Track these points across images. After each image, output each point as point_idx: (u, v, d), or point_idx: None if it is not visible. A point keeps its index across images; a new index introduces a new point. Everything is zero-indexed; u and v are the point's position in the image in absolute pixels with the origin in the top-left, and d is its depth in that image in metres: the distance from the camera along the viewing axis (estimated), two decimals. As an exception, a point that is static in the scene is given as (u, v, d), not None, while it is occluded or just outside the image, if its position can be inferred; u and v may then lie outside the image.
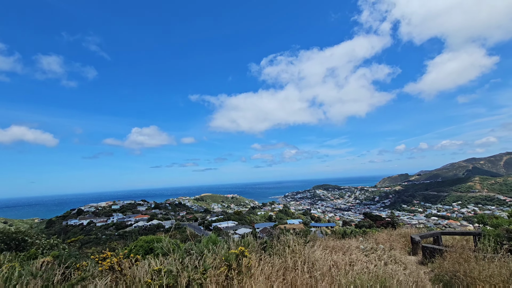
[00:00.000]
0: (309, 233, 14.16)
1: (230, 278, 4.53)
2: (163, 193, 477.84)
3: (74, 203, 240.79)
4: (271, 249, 6.90)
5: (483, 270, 5.46)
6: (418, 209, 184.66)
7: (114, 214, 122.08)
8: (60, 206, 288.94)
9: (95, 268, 5.08)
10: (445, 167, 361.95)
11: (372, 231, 16.70)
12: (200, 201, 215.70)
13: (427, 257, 9.25)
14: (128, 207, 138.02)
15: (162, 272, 4.36)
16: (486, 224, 11.77)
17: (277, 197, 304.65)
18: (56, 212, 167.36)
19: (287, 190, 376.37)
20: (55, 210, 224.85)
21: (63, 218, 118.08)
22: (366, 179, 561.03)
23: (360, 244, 11.97)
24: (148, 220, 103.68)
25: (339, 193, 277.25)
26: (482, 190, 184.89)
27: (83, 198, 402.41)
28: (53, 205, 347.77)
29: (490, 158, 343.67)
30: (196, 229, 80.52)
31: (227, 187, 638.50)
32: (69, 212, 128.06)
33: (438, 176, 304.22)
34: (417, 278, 6.33)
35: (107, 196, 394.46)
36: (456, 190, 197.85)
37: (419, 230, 16.17)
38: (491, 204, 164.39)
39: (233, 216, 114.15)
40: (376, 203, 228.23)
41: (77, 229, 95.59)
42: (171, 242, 6.25)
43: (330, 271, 6.09)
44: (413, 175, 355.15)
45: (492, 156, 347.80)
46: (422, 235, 11.66)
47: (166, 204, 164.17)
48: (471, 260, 6.30)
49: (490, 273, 5.26)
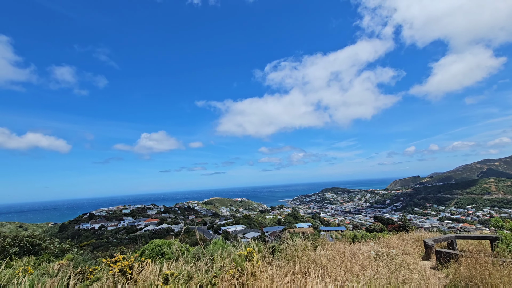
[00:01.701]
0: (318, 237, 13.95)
1: (240, 282, 4.52)
2: (172, 197, 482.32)
3: (86, 208, 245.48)
4: (280, 253, 6.86)
5: (502, 276, 5.27)
6: (431, 212, 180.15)
7: (124, 218, 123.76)
8: (73, 210, 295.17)
9: (106, 271, 5.17)
10: (458, 169, 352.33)
11: (384, 235, 16.38)
12: (208, 205, 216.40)
13: (441, 262, 8.99)
14: (138, 211, 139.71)
15: (174, 276, 4.39)
16: (503, 228, 11.39)
17: (285, 200, 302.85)
18: (68, 216, 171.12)
19: (296, 193, 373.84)
20: (68, 214, 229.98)
21: (76, 222, 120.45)
22: (376, 182, 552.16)
23: (371, 248, 11.75)
24: (158, 224, 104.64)
25: (348, 196, 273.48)
26: (498, 192, 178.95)
27: (94, 203, 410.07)
28: (66, 209, 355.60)
29: (506, 159, 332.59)
30: (205, 233, 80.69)
31: (235, 190, 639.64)
32: (81, 216, 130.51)
33: (451, 178, 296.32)
34: (431, 283, 6.16)
35: (118, 201, 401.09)
36: (471, 193, 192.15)
37: (433, 234, 15.75)
38: (508, 206, 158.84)
39: (241, 220, 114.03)
40: (387, 206, 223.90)
41: (89, 233, 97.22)
42: (181, 246, 6.30)
43: (341, 276, 6.00)
44: (425, 177, 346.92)
45: (508, 157, 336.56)
46: (435, 239, 11.36)
47: (175, 208, 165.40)
48: (488, 266, 6.09)
49: (509, 280, 5.08)
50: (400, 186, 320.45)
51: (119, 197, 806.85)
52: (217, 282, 4.29)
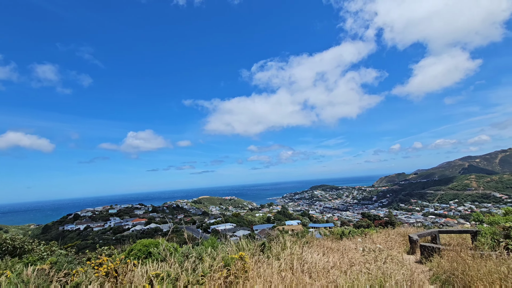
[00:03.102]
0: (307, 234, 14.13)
1: (228, 282, 4.50)
2: (160, 196, 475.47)
3: (71, 208, 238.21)
4: (269, 251, 6.88)
5: (481, 268, 5.48)
6: (416, 208, 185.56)
7: (111, 218, 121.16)
8: (57, 211, 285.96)
9: (91, 274, 5.02)
10: (441, 166, 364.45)
11: (370, 231, 16.73)
12: (198, 203, 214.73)
13: (425, 256, 9.28)
14: (125, 211, 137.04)
15: (160, 277, 4.32)
16: (482, 222, 11.85)
17: (275, 198, 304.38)
18: (52, 217, 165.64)
19: (285, 191, 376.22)
20: (51, 215, 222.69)
21: (60, 223, 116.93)
22: (363, 179, 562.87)
23: (359, 244, 11.99)
24: (146, 223, 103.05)
25: (336, 193, 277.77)
26: (479, 188, 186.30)
27: (79, 203, 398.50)
28: (50, 210, 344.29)
29: (485, 156, 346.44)
30: (194, 232, 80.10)
31: (225, 189, 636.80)
32: (66, 217, 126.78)
33: (434, 175, 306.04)
34: (415, 277, 6.33)
35: (104, 201, 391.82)
36: (453, 188, 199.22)
37: (417, 229, 16.23)
38: (488, 201, 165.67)
39: (231, 218, 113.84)
40: (374, 203, 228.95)
41: (74, 234, 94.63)
42: (168, 245, 6.20)
43: (329, 271, 6.08)
44: (409, 174, 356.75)
45: (487, 154, 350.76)
46: (420, 234, 11.71)
47: (163, 208, 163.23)
48: (468, 258, 6.32)
49: (488, 271, 5.28)
50: (386, 183, 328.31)
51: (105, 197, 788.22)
52: (204, 281, 4.24)
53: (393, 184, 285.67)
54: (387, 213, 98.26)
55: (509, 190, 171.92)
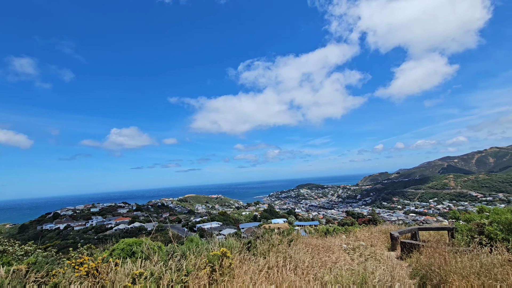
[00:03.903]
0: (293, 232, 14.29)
1: (213, 280, 4.48)
2: (145, 194, 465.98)
3: (50, 207, 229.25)
4: (255, 249, 6.91)
5: (456, 263, 5.73)
6: (397, 206, 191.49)
7: (93, 217, 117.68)
8: (35, 210, 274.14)
9: (72, 274, 4.85)
10: (422, 165, 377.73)
11: (354, 228, 17.12)
12: (183, 202, 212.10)
13: (406, 252, 9.60)
14: (108, 210, 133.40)
15: (143, 276, 4.24)
16: (459, 219, 12.39)
17: (261, 196, 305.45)
18: (30, 216, 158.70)
19: (272, 189, 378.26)
20: (29, 214, 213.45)
21: (38, 223, 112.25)
22: (348, 178, 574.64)
23: (343, 241, 12.24)
24: (130, 222, 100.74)
25: (322, 192, 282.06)
26: (456, 187, 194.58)
27: (59, 201, 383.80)
28: (27, 209, 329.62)
29: (463, 157, 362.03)
30: (179, 230, 79.12)
31: (211, 187, 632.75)
32: (44, 216, 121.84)
33: (416, 174, 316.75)
34: (396, 273, 6.55)
35: (86, 199, 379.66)
36: (432, 187, 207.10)
37: (398, 226, 16.75)
38: (464, 200, 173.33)
39: (217, 216, 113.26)
40: (358, 201, 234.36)
41: (53, 233, 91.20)
42: (152, 244, 6.11)
43: (314, 268, 6.18)
44: (392, 174, 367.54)
45: (465, 155, 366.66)
46: (400, 231, 12.10)
47: (148, 206, 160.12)
48: (445, 254, 6.60)
49: (463, 266, 5.54)
50: (370, 181, 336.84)
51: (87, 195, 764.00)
52: (188, 280, 4.21)
53: (376, 183, 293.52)
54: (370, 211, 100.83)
55: (484, 189, 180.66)
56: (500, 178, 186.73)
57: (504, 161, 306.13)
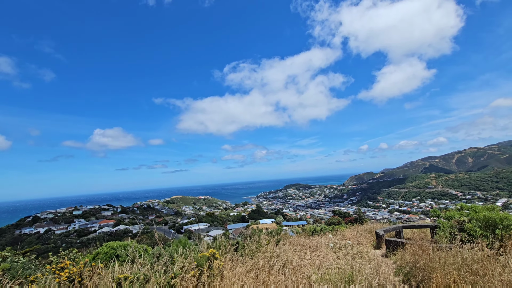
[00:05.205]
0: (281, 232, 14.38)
1: (201, 282, 4.41)
2: (130, 196, 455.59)
3: (30, 210, 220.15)
4: (243, 250, 6.87)
5: (439, 259, 5.92)
6: (382, 205, 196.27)
7: (75, 220, 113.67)
8: (13, 213, 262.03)
9: (52, 280, 4.65)
10: (405, 165, 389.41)
11: (341, 227, 17.39)
12: (170, 203, 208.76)
13: (390, 250, 9.83)
14: (91, 213, 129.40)
15: (129, 279, 4.12)
16: (440, 217, 12.82)
17: (249, 197, 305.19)
18: (7, 220, 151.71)
19: (260, 190, 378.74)
20: (6, 218, 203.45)
21: (16, 227, 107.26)
22: (335, 178, 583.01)
23: (330, 240, 12.40)
24: (114, 225, 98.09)
25: (309, 192, 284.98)
26: (438, 185, 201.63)
27: (39, 204, 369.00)
28: (4, 212, 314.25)
29: (444, 157, 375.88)
30: (166, 232, 77.84)
31: (199, 188, 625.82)
32: (23, 219, 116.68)
33: (399, 174, 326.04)
34: (381, 270, 6.68)
35: (68, 201, 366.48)
36: (416, 186, 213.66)
37: (383, 225, 17.16)
38: (445, 198, 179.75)
39: (205, 218, 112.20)
40: (345, 201, 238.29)
41: (33, 238, 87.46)
42: (138, 247, 5.95)
43: (301, 268, 6.21)
44: (377, 173, 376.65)
45: (446, 155, 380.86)
46: (385, 230, 12.39)
47: (133, 208, 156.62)
48: (428, 251, 6.80)
49: (445, 262, 5.72)
50: (356, 181, 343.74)
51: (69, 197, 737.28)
52: (176, 283, 4.12)
53: (362, 183, 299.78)
54: (356, 210, 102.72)
55: (463, 188, 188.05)
56: (478, 177, 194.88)
57: (482, 161, 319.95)
